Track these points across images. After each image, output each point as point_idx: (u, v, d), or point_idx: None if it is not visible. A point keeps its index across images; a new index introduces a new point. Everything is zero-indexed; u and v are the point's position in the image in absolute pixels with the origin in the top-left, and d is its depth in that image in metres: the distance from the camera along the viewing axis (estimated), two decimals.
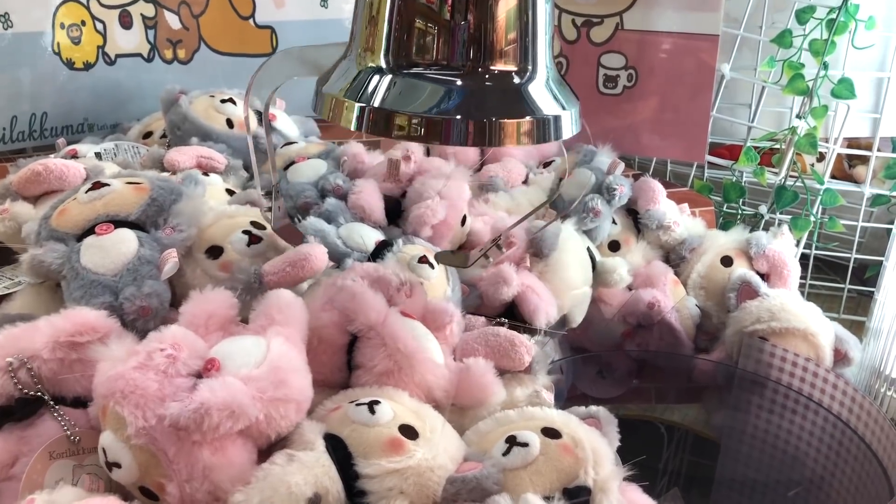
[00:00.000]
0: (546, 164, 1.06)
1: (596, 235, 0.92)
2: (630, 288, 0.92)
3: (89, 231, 0.63)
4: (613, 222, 0.95)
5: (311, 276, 0.65)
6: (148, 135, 1.02)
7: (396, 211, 0.85)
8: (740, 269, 0.91)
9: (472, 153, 1.03)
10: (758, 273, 0.91)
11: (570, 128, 0.58)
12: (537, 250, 0.81)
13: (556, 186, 0.96)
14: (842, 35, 1.09)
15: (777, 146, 1.17)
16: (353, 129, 0.55)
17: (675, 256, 0.97)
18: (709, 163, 1.21)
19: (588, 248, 0.89)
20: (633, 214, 0.97)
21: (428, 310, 0.66)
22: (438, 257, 0.76)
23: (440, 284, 0.75)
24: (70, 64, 1.04)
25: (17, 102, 0.99)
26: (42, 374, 0.54)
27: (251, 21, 1.15)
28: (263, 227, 0.70)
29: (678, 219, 0.97)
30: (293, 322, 0.56)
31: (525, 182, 1.02)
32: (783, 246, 0.93)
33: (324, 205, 0.81)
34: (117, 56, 1.08)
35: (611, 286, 0.89)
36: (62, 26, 1.02)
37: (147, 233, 0.64)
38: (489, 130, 0.54)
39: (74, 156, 0.88)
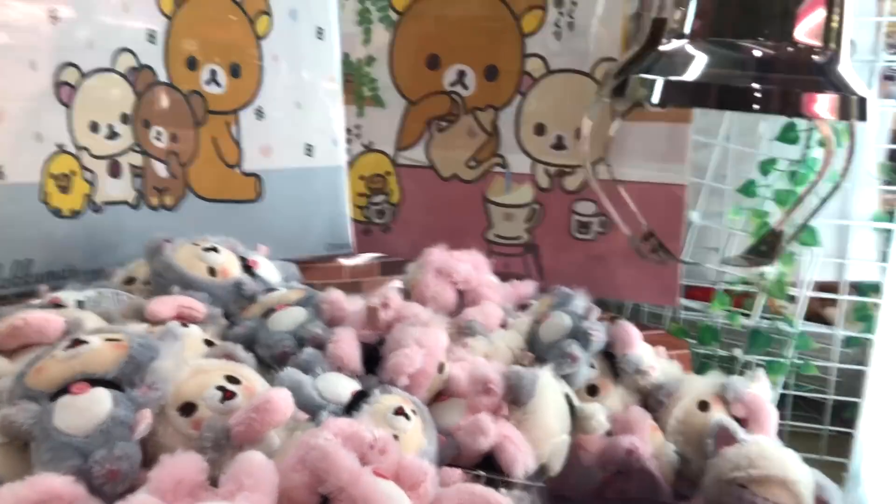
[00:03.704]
0: (522, 307, 1.07)
1: (574, 380, 0.92)
2: (609, 434, 0.91)
3: (63, 389, 0.63)
4: (591, 366, 0.95)
5: (279, 424, 0.64)
6: (131, 280, 1.02)
7: (374, 358, 0.85)
8: (717, 415, 0.90)
9: (450, 298, 1.04)
10: (735, 418, 0.90)
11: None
12: (515, 398, 0.81)
13: (534, 328, 0.97)
14: (803, 185, 1.14)
15: (750, 289, 1.19)
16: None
17: (652, 401, 0.96)
18: (683, 305, 1.24)
19: (566, 394, 0.88)
20: (610, 357, 0.97)
21: (402, 466, 0.65)
22: None
23: (416, 437, 0.74)
24: (57, 212, 1.05)
25: (2, 250, 1.00)
26: None
27: (237, 169, 1.19)
28: (238, 382, 0.69)
29: (654, 363, 0.97)
30: (262, 487, 0.55)
31: (503, 326, 1.02)
32: (759, 391, 0.93)
33: (301, 355, 0.82)
34: (104, 203, 1.10)
35: (589, 432, 0.88)
36: (52, 176, 1.04)
37: (122, 391, 0.64)
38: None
39: (57, 304, 0.88)
